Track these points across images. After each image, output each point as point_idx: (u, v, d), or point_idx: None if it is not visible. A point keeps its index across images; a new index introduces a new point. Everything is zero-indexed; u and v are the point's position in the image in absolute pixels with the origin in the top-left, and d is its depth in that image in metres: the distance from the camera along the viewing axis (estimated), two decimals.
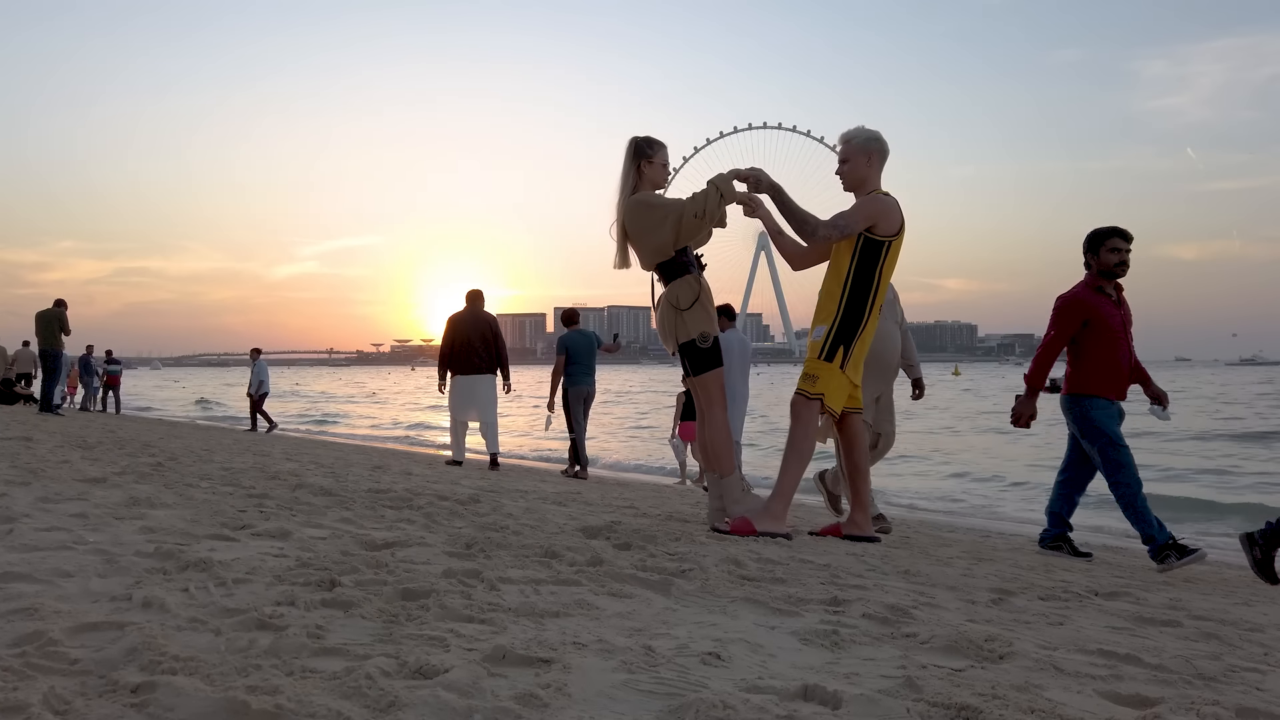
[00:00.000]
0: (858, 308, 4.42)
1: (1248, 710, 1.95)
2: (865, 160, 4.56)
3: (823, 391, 4.45)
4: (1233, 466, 14.94)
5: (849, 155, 4.58)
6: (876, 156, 4.57)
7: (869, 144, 4.56)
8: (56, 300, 15.78)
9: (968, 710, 1.80)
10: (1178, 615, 3.09)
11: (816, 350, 4.46)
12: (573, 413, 10.03)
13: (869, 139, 4.57)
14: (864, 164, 4.56)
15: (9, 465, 5.81)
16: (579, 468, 10.01)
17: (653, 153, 4.54)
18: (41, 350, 15.77)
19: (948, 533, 6.74)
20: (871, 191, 4.53)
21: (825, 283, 4.53)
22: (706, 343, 4.48)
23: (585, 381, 10.02)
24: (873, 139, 4.58)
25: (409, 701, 1.69)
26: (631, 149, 4.57)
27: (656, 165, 4.55)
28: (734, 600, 2.80)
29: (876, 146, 4.57)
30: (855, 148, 4.56)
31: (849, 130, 4.64)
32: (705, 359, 4.50)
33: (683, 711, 1.73)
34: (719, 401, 4.56)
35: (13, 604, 2.29)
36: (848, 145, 4.59)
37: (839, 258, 4.48)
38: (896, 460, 14.08)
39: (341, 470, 7.34)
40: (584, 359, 9.99)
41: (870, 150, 4.56)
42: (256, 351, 18.17)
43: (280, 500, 4.73)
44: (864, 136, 4.58)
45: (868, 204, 4.45)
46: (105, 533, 3.44)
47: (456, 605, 2.46)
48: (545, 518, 4.59)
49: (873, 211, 4.42)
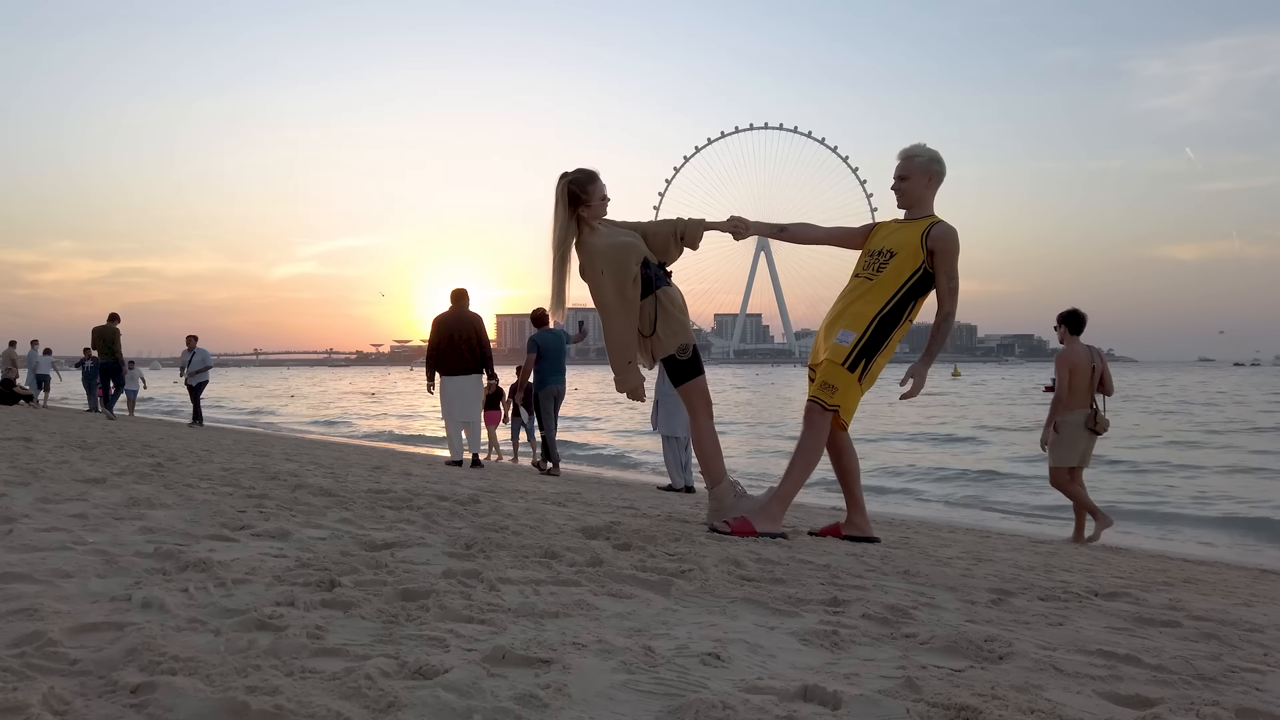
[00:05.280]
0: (888, 327, 4.38)
1: (1247, 710, 1.95)
2: (926, 180, 4.48)
3: (839, 404, 4.41)
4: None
5: (909, 173, 4.49)
6: (936, 178, 4.52)
7: (931, 165, 4.49)
8: (111, 315, 17.21)
9: (968, 710, 1.80)
10: (1177, 616, 3.09)
11: (842, 355, 4.37)
12: (543, 411, 10.25)
13: (932, 159, 4.50)
14: (924, 183, 4.48)
15: (9, 465, 5.80)
16: (551, 465, 10.22)
17: (588, 195, 4.45)
18: (102, 364, 17.32)
19: (948, 533, 6.74)
20: (933, 217, 4.45)
21: (865, 291, 4.42)
22: (686, 354, 4.48)
23: (556, 380, 10.21)
24: (935, 160, 4.51)
25: (409, 702, 1.69)
26: (564, 195, 4.45)
27: (595, 202, 4.47)
28: (734, 601, 2.80)
29: (938, 168, 4.51)
30: (918, 166, 4.48)
31: (911, 147, 4.54)
32: (686, 369, 4.50)
33: (683, 712, 1.73)
34: (703, 410, 4.55)
35: (13, 604, 2.29)
36: (909, 162, 4.50)
37: (891, 278, 4.37)
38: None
39: (341, 471, 7.33)
40: (554, 358, 10.20)
41: (932, 171, 4.49)
42: (193, 339, 17.49)
43: (280, 500, 4.73)
44: (928, 156, 4.50)
45: (957, 245, 4.36)
46: (105, 533, 3.43)
47: (456, 606, 2.46)
48: (545, 518, 4.59)
49: (959, 251, 4.37)
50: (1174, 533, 9.23)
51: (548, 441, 10.26)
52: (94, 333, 17.39)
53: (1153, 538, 8.69)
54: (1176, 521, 9.92)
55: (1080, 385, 7.28)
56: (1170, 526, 9.60)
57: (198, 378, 17.04)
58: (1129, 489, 12.36)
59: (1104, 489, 11.50)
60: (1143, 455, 16.68)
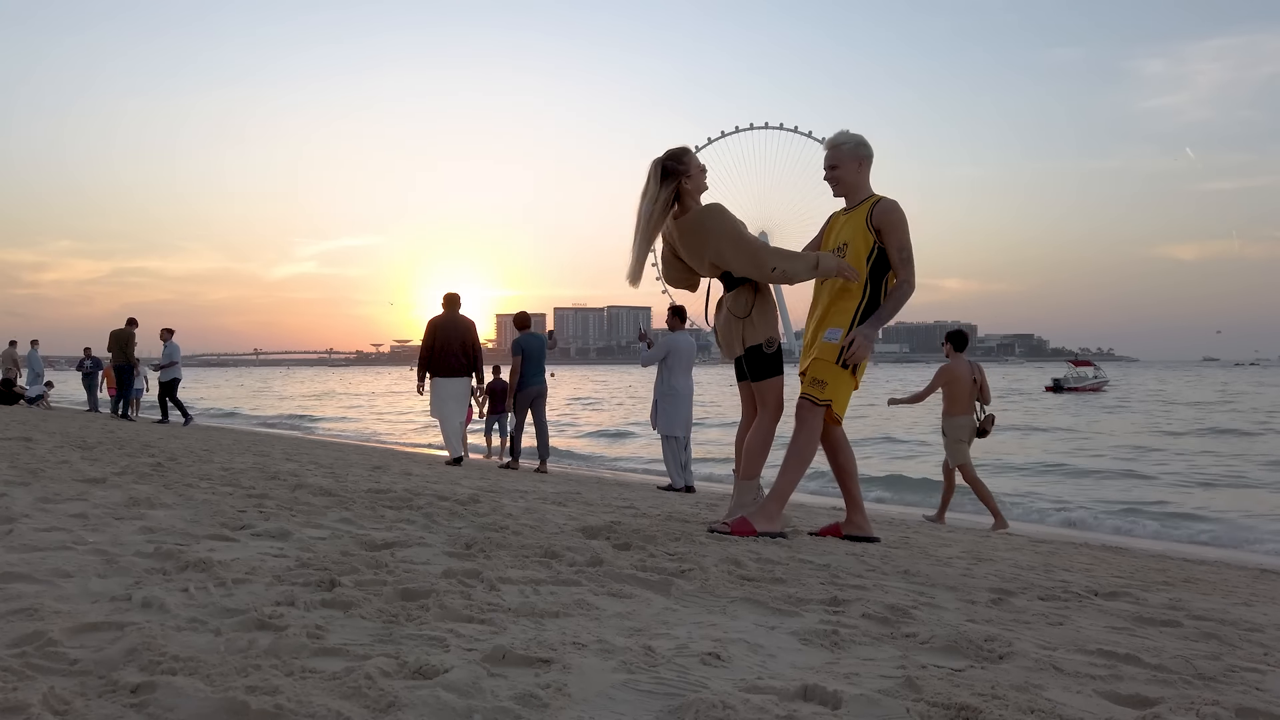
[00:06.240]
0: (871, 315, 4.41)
1: (1247, 710, 1.95)
2: (856, 166, 4.55)
3: (831, 399, 4.43)
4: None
5: (838, 161, 4.56)
6: (866, 161, 4.59)
7: (859, 150, 4.56)
8: (129, 320, 17.69)
9: (967, 710, 1.80)
10: (1177, 615, 3.09)
11: (834, 354, 4.40)
12: (519, 409, 10.64)
13: (858, 144, 4.57)
14: (855, 169, 4.55)
15: (9, 465, 5.80)
16: (510, 459, 10.80)
17: (685, 166, 4.45)
18: (116, 365, 17.67)
19: (948, 532, 6.74)
20: (873, 197, 4.51)
21: (842, 287, 4.45)
22: (772, 347, 4.50)
23: (538, 381, 10.58)
24: (861, 144, 4.58)
25: (409, 701, 1.69)
26: (659, 171, 4.42)
27: (695, 174, 4.47)
28: (734, 600, 2.80)
29: (865, 151, 4.58)
30: (846, 153, 4.55)
31: (835, 135, 4.62)
32: (769, 365, 4.51)
33: (683, 711, 1.73)
34: (775, 410, 4.56)
35: (13, 604, 2.29)
36: (837, 151, 4.56)
37: (856, 268, 4.42)
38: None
39: (341, 470, 7.33)
40: (537, 360, 10.60)
41: (860, 156, 4.56)
42: (168, 332, 17.33)
43: (280, 500, 4.73)
44: (854, 142, 4.56)
45: (903, 217, 4.42)
46: (105, 533, 3.43)
47: (456, 605, 2.46)
48: (545, 518, 4.59)
49: (906, 222, 4.42)
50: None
51: (514, 439, 10.80)
52: (110, 336, 17.63)
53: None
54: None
55: (961, 394, 8.37)
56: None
57: (169, 373, 16.86)
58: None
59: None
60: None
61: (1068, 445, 20.57)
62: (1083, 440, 22.00)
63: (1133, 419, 28.43)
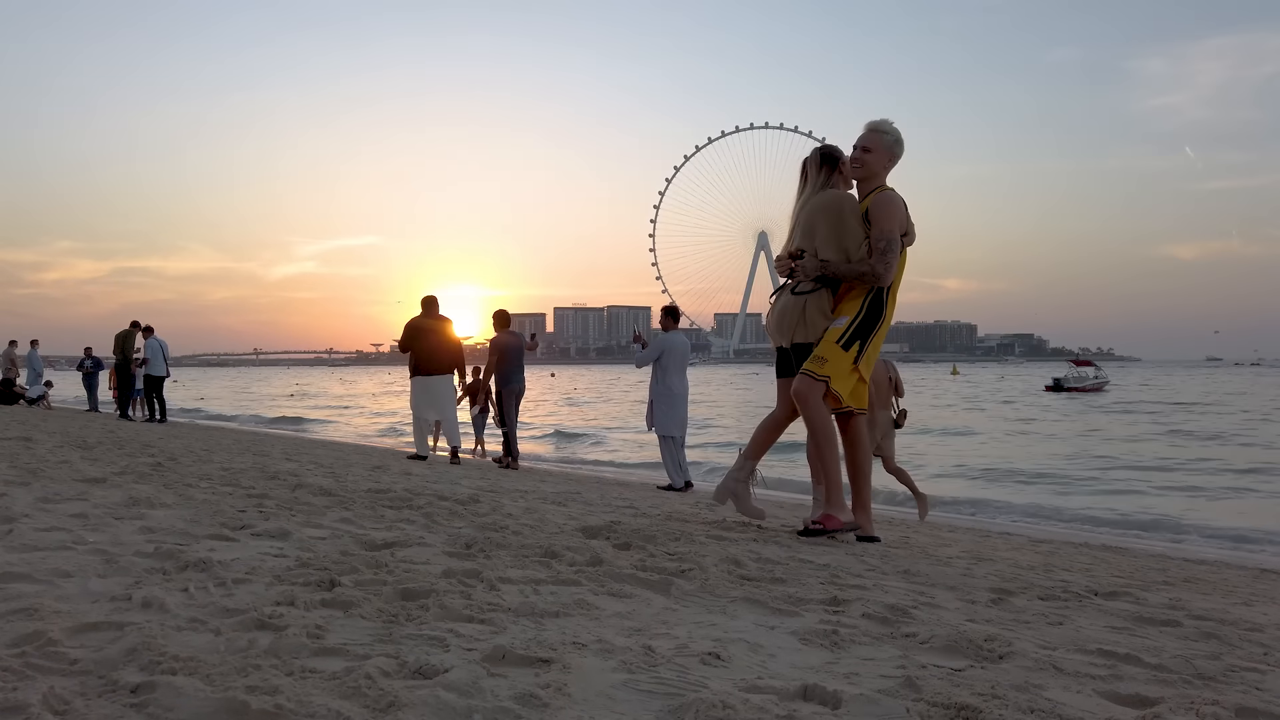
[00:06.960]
0: (877, 307, 4.45)
1: (1247, 710, 1.95)
2: (886, 158, 4.55)
3: (829, 375, 4.43)
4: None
5: (874, 146, 4.53)
6: (895, 159, 4.59)
7: (895, 146, 4.56)
8: (133, 322, 17.92)
9: (967, 710, 1.80)
10: (1177, 615, 3.09)
11: (836, 335, 4.44)
12: (505, 408, 10.68)
13: (896, 140, 4.56)
14: (884, 160, 4.54)
15: (9, 465, 5.80)
16: (510, 459, 10.66)
17: (841, 157, 4.60)
18: (118, 364, 18.09)
19: (948, 533, 6.74)
20: (881, 188, 4.51)
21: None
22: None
23: (517, 380, 10.68)
24: (899, 141, 4.58)
25: (409, 701, 1.69)
26: (816, 160, 4.61)
27: (847, 168, 4.58)
28: (734, 600, 2.80)
29: (899, 150, 4.59)
30: (883, 143, 4.53)
31: (879, 120, 4.59)
32: None
33: (683, 711, 1.73)
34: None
35: (13, 604, 2.29)
36: (876, 136, 4.53)
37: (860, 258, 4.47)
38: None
39: (341, 470, 7.33)
40: (516, 359, 10.70)
41: (894, 152, 4.56)
42: (148, 329, 17.32)
43: (280, 500, 4.73)
44: (894, 136, 4.56)
45: (896, 209, 4.43)
46: (105, 533, 3.44)
47: (456, 605, 2.45)
48: (545, 518, 4.59)
49: (902, 217, 4.44)
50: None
51: (508, 438, 10.75)
52: (115, 338, 17.93)
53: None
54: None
55: (881, 392, 8.42)
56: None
57: (151, 369, 16.88)
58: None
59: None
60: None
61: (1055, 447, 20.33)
62: (1081, 443, 21.94)
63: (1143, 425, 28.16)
